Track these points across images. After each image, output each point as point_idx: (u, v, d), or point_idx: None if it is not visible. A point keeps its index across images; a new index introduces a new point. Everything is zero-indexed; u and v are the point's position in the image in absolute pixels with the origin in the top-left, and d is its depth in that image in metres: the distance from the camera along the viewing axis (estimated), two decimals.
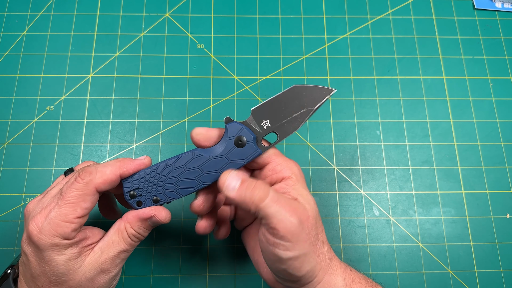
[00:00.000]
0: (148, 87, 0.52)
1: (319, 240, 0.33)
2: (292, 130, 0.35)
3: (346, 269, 0.35)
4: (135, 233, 0.34)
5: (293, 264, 0.31)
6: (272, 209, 0.30)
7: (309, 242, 0.32)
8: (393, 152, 0.51)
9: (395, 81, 0.54)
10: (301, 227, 0.31)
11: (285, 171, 0.34)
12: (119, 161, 0.33)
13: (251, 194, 0.31)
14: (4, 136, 0.49)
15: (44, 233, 0.30)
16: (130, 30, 0.55)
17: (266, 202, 0.30)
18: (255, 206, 0.30)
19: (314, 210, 0.33)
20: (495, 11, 0.58)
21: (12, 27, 0.54)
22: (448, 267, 0.46)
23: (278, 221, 0.30)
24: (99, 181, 0.32)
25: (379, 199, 0.49)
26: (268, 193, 0.31)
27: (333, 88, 0.35)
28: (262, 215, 0.30)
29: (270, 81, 0.53)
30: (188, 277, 0.45)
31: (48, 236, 0.30)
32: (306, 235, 0.31)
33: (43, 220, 0.30)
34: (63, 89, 0.52)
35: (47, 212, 0.31)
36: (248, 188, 0.31)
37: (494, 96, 0.53)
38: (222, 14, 0.56)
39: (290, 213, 0.30)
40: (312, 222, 0.32)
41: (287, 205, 0.31)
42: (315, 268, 0.32)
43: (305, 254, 0.31)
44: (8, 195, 0.47)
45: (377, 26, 0.56)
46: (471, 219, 0.48)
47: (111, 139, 0.50)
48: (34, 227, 0.30)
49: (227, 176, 0.32)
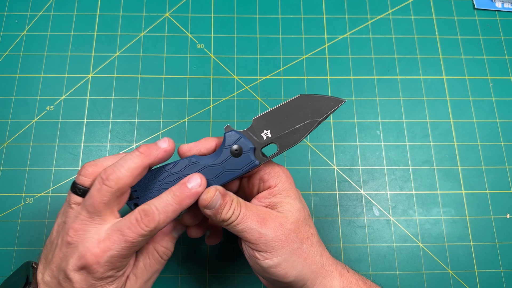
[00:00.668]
0: (148, 87, 0.52)
1: (305, 244, 0.34)
2: (294, 142, 0.34)
3: (343, 270, 0.35)
4: (164, 250, 0.35)
5: (276, 271, 0.32)
6: (241, 226, 0.32)
7: (288, 248, 0.33)
8: (393, 152, 0.51)
9: (395, 81, 0.54)
10: (274, 235, 0.32)
11: (272, 180, 0.35)
12: (141, 151, 0.32)
13: (224, 215, 0.33)
14: (4, 136, 0.49)
15: (103, 267, 0.30)
16: (130, 30, 0.55)
17: (236, 221, 0.33)
18: (227, 224, 0.33)
19: (295, 217, 0.34)
20: (495, 11, 0.58)
21: (12, 27, 0.54)
22: (448, 267, 0.46)
23: (249, 235, 0.32)
24: (162, 225, 0.31)
25: (379, 199, 0.49)
26: (238, 213, 0.33)
27: (342, 99, 0.34)
28: (235, 232, 0.33)
29: (270, 81, 0.53)
30: (188, 277, 0.45)
31: (107, 270, 0.30)
32: (283, 242, 0.32)
33: (103, 255, 0.30)
34: (63, 89, 0.52)
35: (107, 247, 0.30)
36: (225, 209, 0.33)
37: (494, 96, 0.53)
38: (222, 14, 0.56)
39: (259, 224, 0.32)
40: (289, 228, 0.33)
41: (256, 218, 0.33)
42: (303, 272, 0.33)
43: (285, 259, 0.32)
44: (8, 195, 0.47)
45: (377, 26, 0.56)
46: (471, 219, 0.48)
47: (111, 139, 0.50)
48: (94, 260, 0.29)
49: (212, 197, 0.33)
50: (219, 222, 0.33)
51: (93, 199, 0.30)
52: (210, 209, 0.33)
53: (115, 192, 0.31)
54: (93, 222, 0.31)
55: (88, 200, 0.31)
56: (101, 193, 0.30)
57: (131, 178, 0.31)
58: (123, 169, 0.31)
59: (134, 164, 0.31)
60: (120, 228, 0.30)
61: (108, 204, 0.31)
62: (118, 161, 0.32)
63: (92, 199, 0.31)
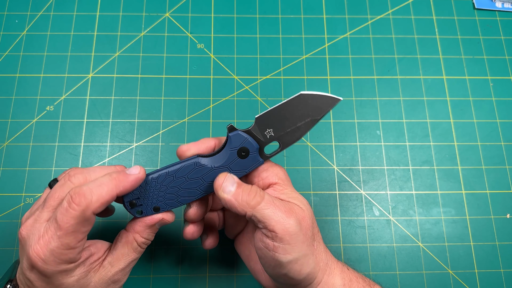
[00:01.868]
0: (148, 87, 0.52)
1: (316, 241, 0.33)
2: (295, 139, 0.34)
3: (344, 268, 0.35)
4: (144, 240, 0.34)
5: (293, 267, 0.31)
6: (268, 211, 0.30)
7: (307, 243, 0.32)
8: (393, 152, 0.51)
9: (395, 81, 0.54)
10: (299, 228, 0.31)
11: (271, 177, 0.34)
12: (114, 179, 0.30)
13: (247, 197, 0.31)
14: (4, 136, 0.49)
15: (49, 263, 0.29)
16: (130, 30, 0.55)
17: (262, 204, 0.31)
18: (251, 209, 0.31)
19: (309, 211, 0.33)
20: (495, 11, 0.58)
21: (12, 27, 0.54)
22: (448, 267, 0.46)
23: (276, 223, 0.30)
24: (96, 205, 0.29)
25: (379, 199, 0.49)
26: (263, 196, 0.31)
27: (339, 97, 0.34)
28: (259, 218, 0.31)
29: (270, 81, 0.53)
30: (188, 277, 0.45)
31: (54, 265, 0.29)
32: (304, 236, 0.31)
33: (44, 251, 0.28)
34: (63, 89, 0.52)
35: (46, 242, 0.28)
36: (244, 191, 0.31)
37: (494, 96, 0.53)
38: (222, 14, 0.56)
39: (286, 214, 0.31)
40: (308, 223, 0.32)
41: (283, 206, 0.31)
42: (315, 269, 0.32)
43: (305, 255, 0.31)
44: (8, 195, 0.47)
45: (377, 26, 0.56)
46: (471, 219, 0.48)
47: (111, 139, 0.50)
48: (37, 258, 0.28)
49: (224, 179, 0.32)
50: (243, 208, 0.31)
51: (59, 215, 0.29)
52: (226, 193, 0.31)
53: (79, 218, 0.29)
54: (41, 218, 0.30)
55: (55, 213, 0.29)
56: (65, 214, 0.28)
57: (99, 208, 0.29)
58: (94, 197, 0.29)
59: (105, 193, 0.29)
60: (55, 217, 0.29)
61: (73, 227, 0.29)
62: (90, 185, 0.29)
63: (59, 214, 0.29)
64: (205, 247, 0.40)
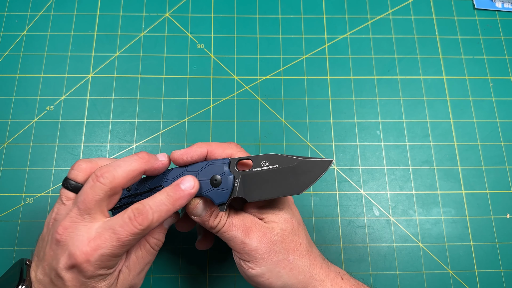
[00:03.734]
0: (148, 87, 0.52)
1: (291, 255, 0.34)
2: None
3: (337, 278, 0.35)
4: (156, 241, 0.35)
5: (261, 281, 0.33)
6: (226, 234, 0.34)
7: (273, 259, 0.33)
8: (393, 152, 0.51)
9: (395, 81, 0.54)
10: (257, 245, 0.33)
11: None
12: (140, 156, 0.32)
13: (212, 223, 0.34)
14: (4, 136, 0.49)
15: (94, 266, 0.29)
16: (130, 30, 0.55)
17: (223, 229, 0.34)
18: (216, 232, 0.34)
19: (281, 227, 0.34)
20: (495, 11, 0.58)
21: (12, 27, 0.54)
22: (448, 267, 0.46)
23: (234, 243, 0.34)
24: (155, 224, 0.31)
25: (379, 199, 0.49)
26: (224, 222, 0.34)
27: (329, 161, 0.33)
28: (223, 239, 0.35)
29: (270, 81, 0.53)
30: (188, 277, 0.45)
31: (97, 269, 0.30)
32: (266, 253, 0.33)
33: (94, 254, 0.29)
34: (63, 89, 0.52)
35: (98, 246, 0.29)
36: (212, 217, 0.34)
37: (494, 96, 0.53)
38: (222, 14, 0.56)
39: (243, 233, 0.33)
40: (273, 239, 0.34)
41: (241, 227, 0.34)
42: (289, 282, 0.33)
43: (269, 270, 0.33)
44: (8, 195, 0.47)
45: (377, 26, 0.56)
46: (471, 219, 0.48)
47: (111, 139, 0.50)
48: (85, 259, 0.29)
49: (196, 205, 0.34)
50: (209, 230, 0.35)
51: (85, 196, 0.30)
52: (197, 216, 0.34)
53: (108, 190, 0.30)
54: (83, 220, 0.31)
55: (80, 196, 0.31)
56: (94, 190, 0.30)
57: (125, 179, 0.31)
58: (120, 169, 0.31)
59: (131, 167, 0.31)
60: (112, 226, 0.30)
61: (99, 203, 0.30)
62: (115, 161, 0.32)
63: (84, 195, 0.30)
64: (198, 247, 0.41)
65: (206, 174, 0.34)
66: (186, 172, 0.34)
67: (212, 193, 0.34)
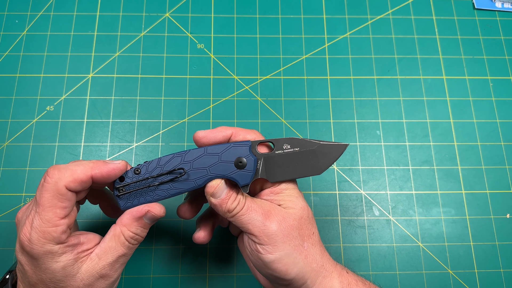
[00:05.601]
0: (148, 87, 0.52)
1: (306, 242, 0.34)
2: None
3: (343, 271, 0.35)
4: (132, 235, 0.34)
5: (278, 267, 0.32)
6: (245, 217, 0.33)
7: (291, 243, 0.33)
8: (393, 152, 0.51)
9: (395, 81, 0.54)
10: (277, 228, 0.33)
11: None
12: (93, 162, 0.33)
13: (230, 206, 0.33)
14: (4, 136, 0.49)
15: (34, 242, 0.30)
16: (130, 30, 0.55)
17: (241, 212, 0.33)
18: (231, 216, 0.34)
19: (298, 214, 0.34)
20: (495, 11, 0.58)
21: (12, 27, 0.54)
22: (448, 267, 0.46)
23: (253, 226, 0.33)
24: (68, 180, 0.31)
25: (379, 199, 0.49)
26: (243, 204, 0.33)
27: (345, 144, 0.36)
28: (239, 224, 0.34)
29: (270, 81, 0.53)
30: (188, 277, 0.45)
31: (39, 245, 0.30)
32: (285, 236, 0.33)
33: (29, 230, 0.30)
34: (63, 89, 0.52)
35: (30, 221, 0.30)
36: (230, 200, 0.34)
37: (494, 96, 0.53)
38: (222, 14, 0.56)
39: (263, 216, 0.33)
40: (291, 224, 0.33)
41: (260, 210, 0.33)
42: (304, 270, 0.33)
43: (288, 255, 0.32)
44: (8, 195, 0.47)
45: (377, 26, 0.56)
46: (471, 219, 0.48)
47: (111, 139, 0.50)
48: (24, 238, 0.30)
49: (217, 186, 0.34)
50: (224, 213, 0.34)
51: (38, 192, 0.31)
52: (215, 198, 0.33)
53: (54, 190, 0.30)
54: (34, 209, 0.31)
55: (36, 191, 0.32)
56: (42, 189, 0.31)
57: (72, 182, 0.31)
58: (67, 172, 0.31)
59: (79, 170, 0.32)
60: (35, 196, 0.31)
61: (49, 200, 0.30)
62: (69, 164, 0.32)
63: (37, 192, 0.32)
64: (195, 240, 0.39)
65: (228, 156, 0.34)
66: (206, 153, 0.34)
67: (237, 174, 0.34)
